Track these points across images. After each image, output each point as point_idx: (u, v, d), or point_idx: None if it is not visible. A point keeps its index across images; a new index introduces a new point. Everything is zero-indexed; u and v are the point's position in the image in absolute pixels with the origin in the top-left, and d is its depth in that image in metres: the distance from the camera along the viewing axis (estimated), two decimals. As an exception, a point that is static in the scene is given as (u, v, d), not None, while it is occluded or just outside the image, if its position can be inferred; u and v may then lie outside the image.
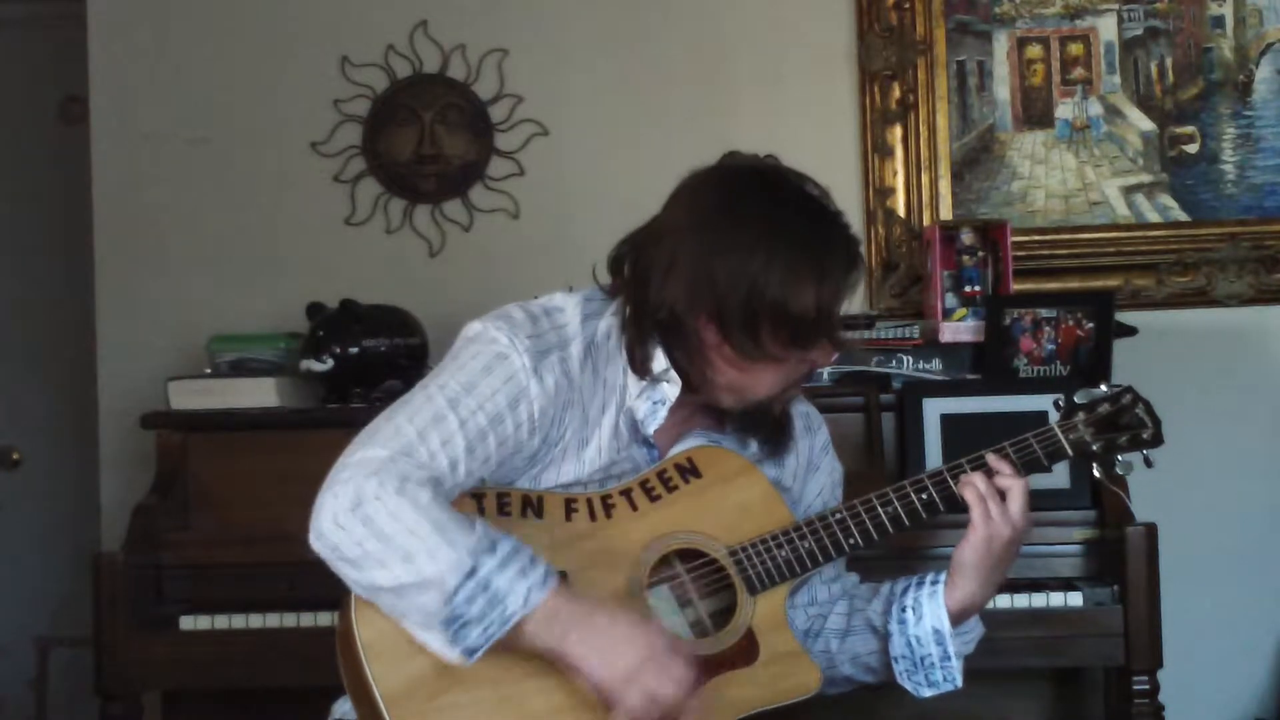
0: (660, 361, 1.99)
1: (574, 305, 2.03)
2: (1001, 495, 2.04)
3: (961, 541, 2.06)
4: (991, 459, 2.06)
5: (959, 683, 2.11)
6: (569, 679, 1.88)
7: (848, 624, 2.17)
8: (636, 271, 2.00)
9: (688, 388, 2.01)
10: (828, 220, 1.98)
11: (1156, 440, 2.12)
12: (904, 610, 2.10)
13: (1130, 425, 2.11)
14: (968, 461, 2.08)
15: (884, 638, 2.12)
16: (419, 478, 1.85)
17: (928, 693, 2.12)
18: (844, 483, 2.28)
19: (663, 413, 2.01)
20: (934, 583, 2.09)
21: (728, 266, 1.92)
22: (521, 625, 1.82)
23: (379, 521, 1.82)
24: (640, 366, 1.99)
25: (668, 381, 2.00)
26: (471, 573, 1.80)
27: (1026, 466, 2.08)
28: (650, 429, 2.02)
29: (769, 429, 2.08)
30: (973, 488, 2.04)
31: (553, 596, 1.83)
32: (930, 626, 2.08)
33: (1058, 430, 2.10)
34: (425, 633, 1.84)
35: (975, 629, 2.17)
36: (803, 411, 2.21)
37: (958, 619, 2.09)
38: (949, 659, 2.09)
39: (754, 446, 2.11)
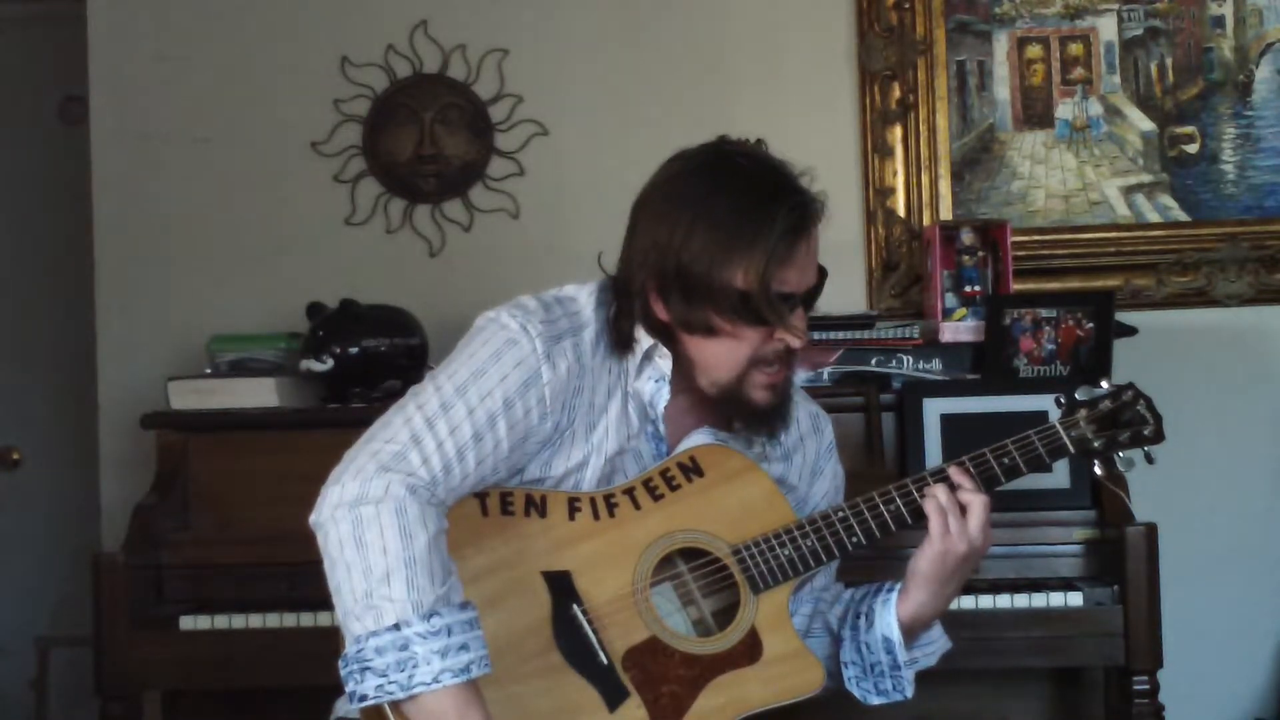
0: (647, 338, 2.01)
1: (586, 294, 2.05)
2: (963, 510, 2.04)
3: (917, 553, 2.06)
4: (953, 472, 2.06)
5: (908, 694, 2.11)
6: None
7: (808, 625, 2.18)
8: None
9: (677, 366, 2.02)
10: (766, 198, 1.96)
11: (1158, 437, 2.12)
12: (858, 617, 2.11)
13: (1132, 422, 2.11)
14: (930, 474, 2.07)
15: (838, 642, 2.14)
16: (423, 493, 1.85)
17: (875, 700, 2.12)
18: (844, 484, 2.28)
19: (665, 389, 2.02)
20: (889, 590, 2.10)
21: (656, 240, 1.96)
22: (417, 699, 1.80)
23: (367, 531, 1.82)
24: (621, 340, 2.01)
25: (659, 357, 2.02)
26: (396, 627, 1.79)
27: (1029, 464, 2.08)
28: (660, 406, 2.03)
29: (747, 414, 2.06)
30: (934, 500, 2.04)
31: (457, 688, 1.80)
32: (880, 634, 2.08)
33: (1060, 427, 2.10)
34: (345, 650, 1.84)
35: (938, 642, 2.18)
36: (811, 411, 2.22)
37: (909, 628, 2.09)
38: (899, 669, 2.09)
39: (759, 445, 2.11)
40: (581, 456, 2.01)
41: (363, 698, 1.81)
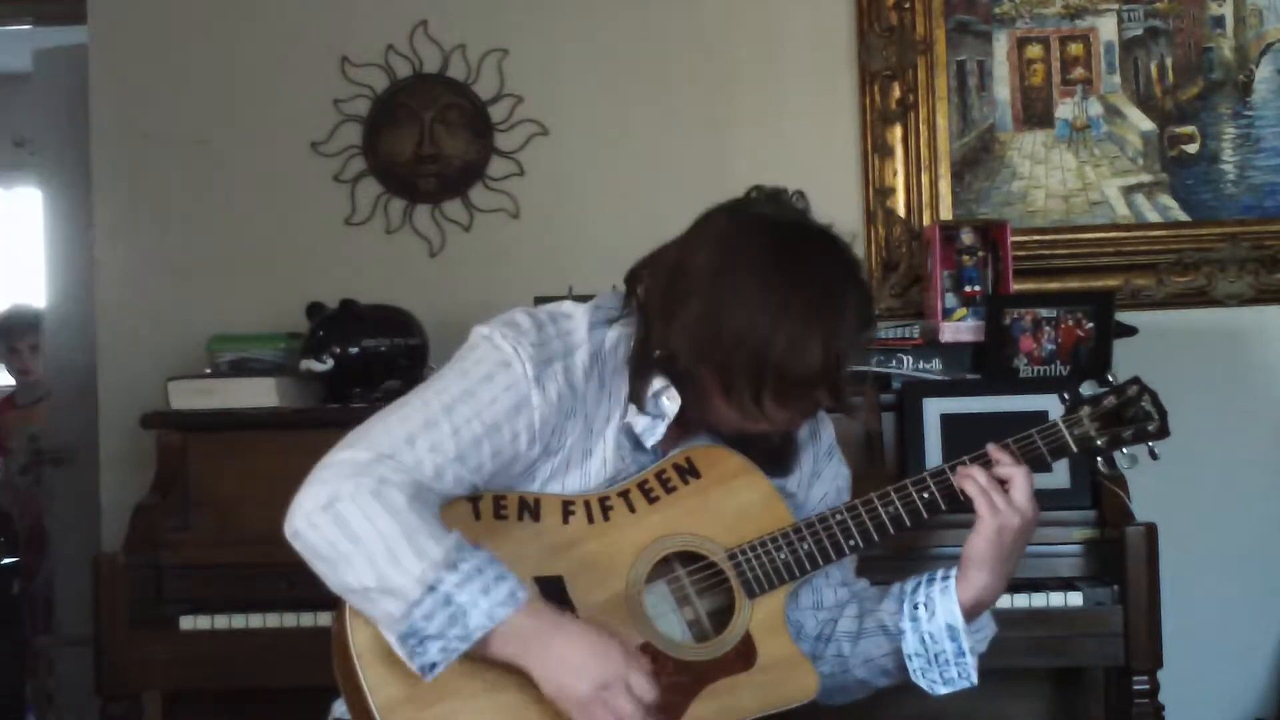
0: (660, 380, 1.97)
1: (582, 313, 2.01)
2: (1004, 485, 2.02)
3: (971, 535, 2.03)
4: (992, 450, 2.04)
5: (974, 680, 2.07)
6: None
7: (859, 626, 2.15)
8: (649, 302, 1.97)
9: (686, 412, 1.99)
10: (843, 279, 1.94)
11: (1163, 432, 2.09)
12: (916, 607, 2.07)
13: (1136, 418, 2.09)
14: (970, 458, 2.05)
15: (896, 637, 2.09)
16: (398, 481, 1.84)
17: (943, 690, 2.08)
18: (849, 484, 2.26)
19: (661, 428, 1.99)
20: (945, 578, 2.06)
21: (736, 324, 1.89)
22: (485, 640, 1.81)
23: (352, 523, 1.82)
24: (638, 396, 1.97)
25: (667, 399, 1.97)
26: (432, 589, 1.79)
27: (1031, 464, 2.05)
28: (649, 443, 2.00)
29: (767, 451, 2.06)
30: (973, 481, 2.01)
31: (517, 614, 1.81)
32: (944, 622, 2.05)
33: (1062, 426, 2.07)
34: (390, 637, 1.83)
35: (988, 627, 2.14)
36: (808, 417, 2.20)
37: (971, 613, 2.05)
38: (963, 655, 2.05)
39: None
40: (578, 484, 1.99)
41: (433, 665, 1.80)
